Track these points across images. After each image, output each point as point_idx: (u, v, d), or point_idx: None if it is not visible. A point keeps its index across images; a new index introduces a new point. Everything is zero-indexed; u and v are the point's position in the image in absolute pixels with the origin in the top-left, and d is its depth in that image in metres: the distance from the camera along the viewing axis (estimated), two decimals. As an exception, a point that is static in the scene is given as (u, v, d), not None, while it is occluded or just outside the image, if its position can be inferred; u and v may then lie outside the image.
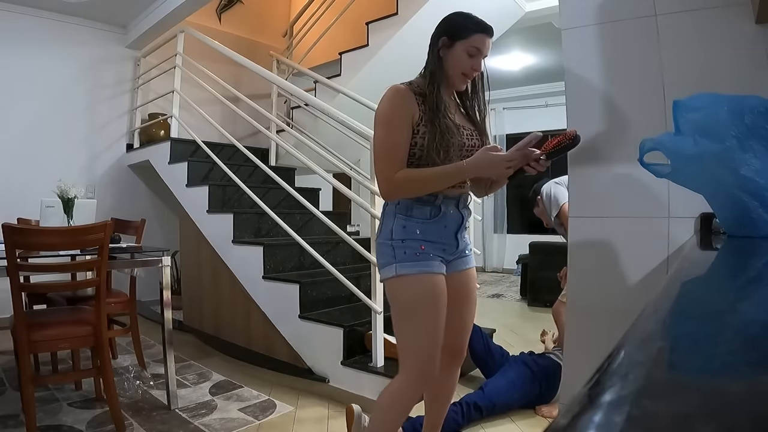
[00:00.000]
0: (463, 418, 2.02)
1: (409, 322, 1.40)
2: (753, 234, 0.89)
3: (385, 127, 1.38)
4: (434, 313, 1.38)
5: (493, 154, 1.31)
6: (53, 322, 1.94)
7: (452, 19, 1.43)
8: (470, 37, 1.38)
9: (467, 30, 1.39)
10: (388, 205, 1.44)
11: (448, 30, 1.41)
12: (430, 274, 1.38)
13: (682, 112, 0.91)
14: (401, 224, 1.39)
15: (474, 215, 3.13)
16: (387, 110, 1.38)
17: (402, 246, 1.38)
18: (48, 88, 4.04)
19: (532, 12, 3.89)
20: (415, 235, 1.39)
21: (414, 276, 1.37)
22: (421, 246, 1.38)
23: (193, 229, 3.37)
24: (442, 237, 1.43)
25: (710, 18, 1.25)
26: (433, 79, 1.40)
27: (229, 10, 5.14)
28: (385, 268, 1.41)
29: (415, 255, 1.37)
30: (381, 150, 1.38)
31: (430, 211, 1.41)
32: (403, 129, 1.37)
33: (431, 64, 1.43)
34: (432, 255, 1.40)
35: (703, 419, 0.21)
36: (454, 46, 1.40)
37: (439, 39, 1.42)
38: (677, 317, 0.45)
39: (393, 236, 1.39)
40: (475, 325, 2.65)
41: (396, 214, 1.41)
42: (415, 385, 1.41)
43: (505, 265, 7.31)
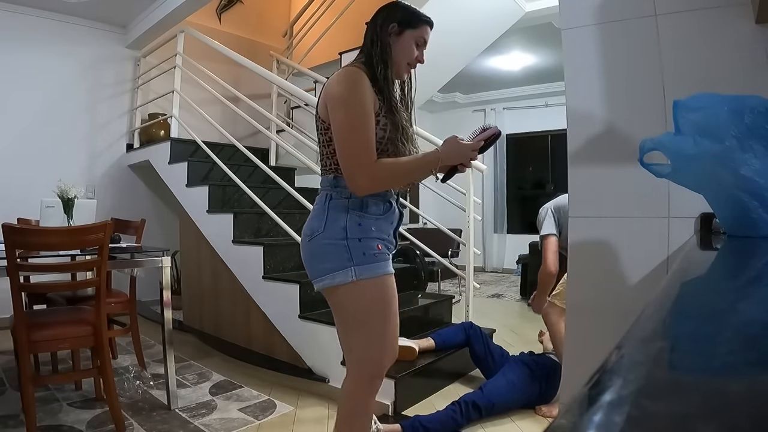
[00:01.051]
0: (462, 417, 2.02)
1: (365, 331, 1.30)
2: (753, 234, 0.89)
3: (355, 109, 1.23)
4: (392, 316, 1.33)
5: (461, 142, 1.32)
6: (53, 322, 1.94)
7: (401, 7, 1.36)
8: (420, 27, 1.36)
9: (418, 20, 1.36)
10: (334, 199, 1.28)
11: (398, 17, 1.34)
12: (388, 275, 1.31)
13: (682, 112, 0.91)
14: (356, 221, 1.26)
15: (474, 215, 3.15)
16: (354, 92, 1.24)
17: (359, 246, 1.25)
18: (48, 87, 4.05)
19: (532, 12, 3.88)
20: (371, 232, 1.27)
21: (374, 279, 1.26)
22: (378, 245, 1.28)
23: (193, 229, 3.37)
24: (389, 234, 1.35)
25: (710, 18, 1.25)
26: (386, 67, 1.32)
27: (229, 10, 5.14)
28: (336, 273, 1.25)
29: (373, 256, 1.27)
30: (354, 136, 1.23)
31: (384, 205, 1.32)
32: (372, 114, 1.26)
33: (382, 52, 1.32)
34: (386, 254, 1.32)
35: (703, 419, 0.21)
36: (403, 34, 1.35)
37: (388, 25, 1.33)
38: (677, 317, 0.45)
39: (348, 235, 1.25)
40: (475, 325, 2.67)
41: (349, 209, 1.27)
42: (369, 386, 1.37)
43: (505, 265, 7.32)
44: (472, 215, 3.13)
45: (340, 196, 1.29)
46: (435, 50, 3.78)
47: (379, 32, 1.34)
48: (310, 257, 1.32)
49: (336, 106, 1.26)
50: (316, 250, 1.29)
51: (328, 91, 1.29)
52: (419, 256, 4.52)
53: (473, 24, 3.73)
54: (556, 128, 6.67)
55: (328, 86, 1.30)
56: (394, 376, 2.24)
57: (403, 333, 2.68)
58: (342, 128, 1.25)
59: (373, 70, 1.32)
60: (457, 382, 2.63)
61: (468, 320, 2.91)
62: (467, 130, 5.38)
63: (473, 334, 2.57)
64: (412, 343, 2.47)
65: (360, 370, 1.35)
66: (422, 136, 3.40)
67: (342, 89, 1.26)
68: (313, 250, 1.30)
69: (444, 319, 3.24)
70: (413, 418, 2.00)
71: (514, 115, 7.36)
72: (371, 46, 1.35)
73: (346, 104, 1.25)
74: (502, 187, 7.43)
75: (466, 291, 3.08)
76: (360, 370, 1.35)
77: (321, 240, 1.27)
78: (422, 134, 3.41)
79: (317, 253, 1.29)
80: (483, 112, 7.58)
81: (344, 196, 1.28)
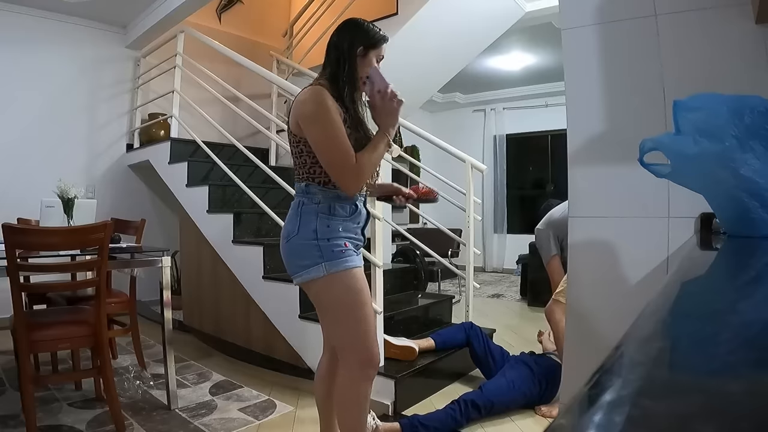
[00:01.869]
0: (462, 417, 2.02)
1: (346, 317, 1.44)
2: (753, 234, 0.89)
3: (327, 123, 1.38)
4: (367, 303, 1.46)
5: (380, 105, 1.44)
6: (53, 322, 1.94)
7: (364, 29, 1.49)
8: (381, 47, 1.49)
9: (379, 40, 1.48)
10: (305, 205, 1.44)
11: (363, 39, 1.46)
12: (357, 268, 1.45)
13: (682, 112, 0.91)
14: (325, 223, 1.42)
15: (474, 215, 3.15)
16: (322, 108, 1.38)
17: (329, 245, 1.41)
18: (48, 88, 4.04)
19: (532, 12, 3.88)
20: (338, 233, 1.43)
21: (344, 272, 1.41)
22: (345, 243, 1.43)
23: (193, 229, 3.37)
24: (356, 233, 1.50)
25: (710, 18, 1.25)
26: (353, 87, 1.46)
27: (229, 10, 5.14)
28: (310, 269, 1.41)
29: (341, 252, 1.42)
30: (332, 147, 1.38)
31: (349, 208, 1.47)
32: (342, 124, 1.40)
33: (350, 73, 1.45)
34: (354, 251, 1.46)
35: (703, 419, 0.21)
36: (368, 55, 1.47)
37: (355, 47, 1.45)
38: (677, 317, 0.45)
39: (318, 236, 1.41)
40: (475, 325, 2.67)
41: (318, 213, 1.42)
42: (364, 373, 1.46)
43: (505, 265, 7.32)
44: (472, 215, 3.13)
45: (311, 202, 1.44)
46: (435, 50, 3.80)
47: (347, 54, 1.46)
48: (287, 257, 1.47)
49: (309, 124, 1.40)
50: (292, 249, 1.45)
51: (299, 110, 1.42)
52: (419, 256, 4.53)
53: (473, 24, 3.73)
54: (556, 128, 6.67)
55: (298, 104, 1.43)
56: (394, 376, 2.25)
57: (403, 333, 2.69)
58: (320, 143, 1.40)
59: (339, 88, 1.44)
60: (457, 382, 2.63)
61: (468, 320, 2.91)
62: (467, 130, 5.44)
63: (473, 334, 2.57)
64: (412, 343, 2.48)
65: (350, 359, 1.45)
66: (422, 136, 3.41)
67: (311, 108, 1.39)
68: (290, 250, 1.46)
69: (444, 319, 3.25)
70: (412, 417, 2.00)
71: (514, 115, 7.35)
72: (337, 66, 1.46)
73: (317, 121, 1.39)
74: (502, 187, 7.43)
75: (466, 291, 3.08)
76: (350, 359, 1.45)
77: (296, 241, 1.43)
78: (422, 134, 3.42)
79: (293, 252, 1.45)
80: (483, 112, 7.58)
81: (314, 202, 1.44)
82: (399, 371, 2.29)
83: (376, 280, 2.32)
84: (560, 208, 2.68)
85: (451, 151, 3.25)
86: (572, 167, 1.47)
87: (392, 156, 2.45)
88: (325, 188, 1.44)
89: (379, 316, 2.32)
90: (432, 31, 3.55)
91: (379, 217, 2.33)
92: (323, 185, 1.44)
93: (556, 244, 2.63)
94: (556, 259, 2.62)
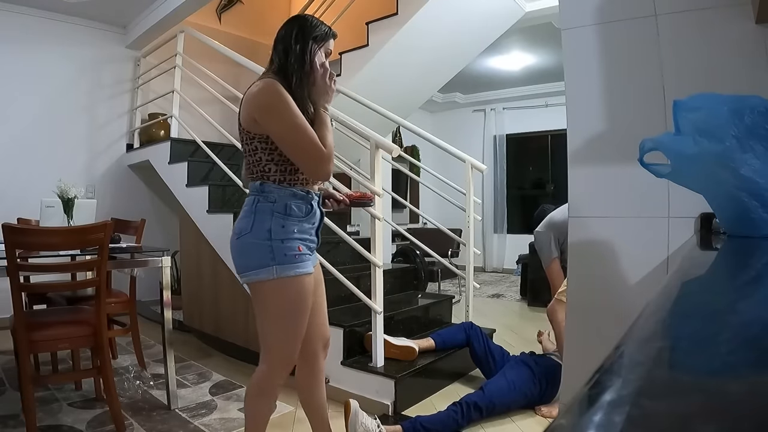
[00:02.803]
0: (463, 418, 2.02)
1: (283, 323, 1.43)
2: (753, 234, 0.89)
3: (287, 112, 1.36)
4: (306, 312, 1.46)
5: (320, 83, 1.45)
6: (53, 322, 1.94)
7: (313, 24, 1.48)
8: (329, 42, 1.50)
9: (328, 35, 1.49)
10: (260, 203, 1.41)
11: (313, 34, 1.46)
12: (308, 275, 1.43)
13: (682, 112, 0.91)
14: (280, 223, 1.39)
15: (474, 215, 3.15)
16: (280, 99, 1.36)
17: (282, 247, 1.38)
18: (48, 88, 4.05)
19: (532, 12, 3.88)
20: (293, 234, 1.40)
21: (294, 278, 1.39)
22: (299, 247, 1.41)
23: (193, 229, 3.37)
24: (311, 234, 1.48)
25: (710, 18, 1.25)
26: (301, 81, 1.44)
27: (229, 10, 5.14)
28: (260, 270, 1.38)
29: (294, 256, 1.39)
30: (298, 137, 1.36)
31: (305, 208, 1.45)
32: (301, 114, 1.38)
33: (299, 67, 1.44)
34: (307, 254, 1.44)
35: (703, 419, 0.21)
36: (319, 51, 1.47)
37: (304, 43, 1.45)
38: (677, 317, 0.45)
39: (272, 236, 1.37)
40: (475, 325, 2.67)
41: (273, 212, 1.39)
42: (280, 372, 1.48)
43: (505, 265, 7.32)
44: (472, 215, 3.13)
45: (266, 201, 1.41)
46: (435, 50, 3.80)
47: (295, 48, 1.44)
48: (237, 254, 1.43)
49: (267, 115, 1.37)
50: (242, 248, 1.41)
51: (252, 104, 1.39)
52: (419, 256, 4.53)
53: (473, 24, 3.73)
54: (556, 128, 6.68)
55: (250, 98, 1.40)
56: (395, 376, 2.25)
57: (403, 333, 2.69)
58: (284, 134, 1.37)
59: (288, 81, 1.42)
60: (457, 382, 2.63)
61: (468, 320, 2.91)
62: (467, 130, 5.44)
63: (473, 334, 2.57)
64: (412, 343, 2.48)
65: (274, 357, 1.46)
66: (422, 136, 3.41)
67: (268, 99, 1.37)
68: (240, 247, 1.42)
69: (444, 319, 3.25)
70: (414, 419, 2.00)
71: (514, 115, 7.36)
72: (286, 59, 1.45)
73: (277, 112, 1.36)
74: (502, 187, 7.43)
75: (466, 291, 3.08)
76: (274, 358, 1.46)
77: (248, 239, 1.40)
78: (422, 134, 3.42)
79: (243, 250, 1.41)
80: (483, 112, 7.58)
81: (269, 201, 1.41)
82: (399, 371, 2.29)
83: (376, 280, 2.33)
84: (561, 211, 2.69)
85: (451, 151, 3.25)
86: (572, 167, 1.47)
87: (392, 156, 2.46)
88: (280, 186, 1.41)
89: (379, 316, 2.32)
90: (432, 31, 3.55)
91: (379, 217, 2.33)
92: (278, 183, 1.42)
93: (556, 247, 2.64)
94: (556, 263, 2.62)
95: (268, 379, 1.48)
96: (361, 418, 1.89)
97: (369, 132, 2.41)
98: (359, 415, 1.89)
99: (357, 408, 1.91)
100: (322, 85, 1.46)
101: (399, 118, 3.47)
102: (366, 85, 3.63)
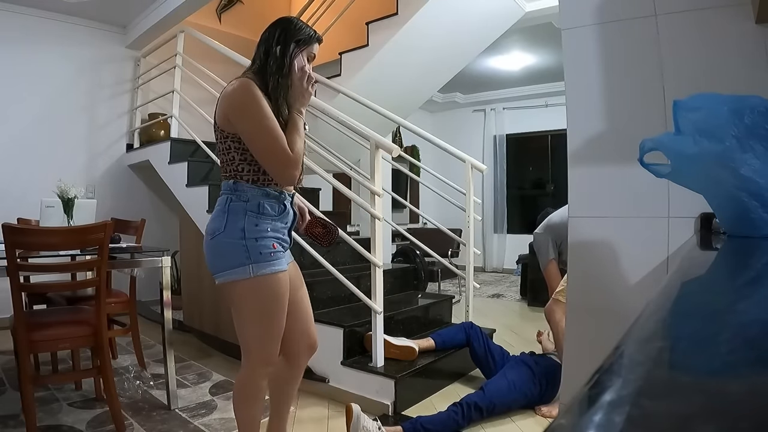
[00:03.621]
0: (464, 419, 2.02)
1: (260, 321, 1.43)
2: (753, 234, 0.89)
3: (258, 113, 1.36)
4: (283, 310, 1.46)
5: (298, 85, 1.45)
6: (53, 322, 1.94)
7: (297, 27, 1.48)
8: (313, 45, 1.49)
9: (311, 38, 1.49)
10: (233, 202, 1.40)
11: (295, 37, 1.46)
12: (283, 272, 1.43)
13: (682, 112, 0.91)
14: (253, 222, 1.39)
15: (474, 215, 3.15)
16: (252, 99, 1.36)
17: (257, 246, 1.38)
18: (48, 88, 4.04)
19: (532, 12, 3.88)
20: (267, 233, 1.40)
21: (270, 276, 1.39)
22: (273, 245, 1.41)
23: (193, 229, 3.37)
24: (284, 233, 1.48)
25: (710, 18, 1.25)
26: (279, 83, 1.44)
27: (229, 10, 5.14)
28: (235, 270, 1.37)
29: (269, 254, 1.39)
30: (267, 140, 1.36)
31: (278, 207, 1.45)
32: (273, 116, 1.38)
33: (278, 69, 1.44)
34: (281, 252, 1.45)
35: (703, 419, 0.21)
36: (301, 54, 1.47)
37: (286, 45, 1.45)
38: (677, 317, 0.45)
39: (246, 235, 1.37)
40: (475, 325, 2.67)
41: (246, 211, 1.39)
42: (262, 371, 1.48)
43: (505, 265, 7.32)
44: (472, 215, 3.13)
45: (239, 200, 1.41)
46: (435, 50, 3.80)
47: (275, 50, 1.45)
48: (211, 254, 1.43)
49: (239, 115, 1.37)
50: (217, 248, 1.41)
51: (226, 103, 1.39)
52: (419, 256, 4.53)
53: (473, 24, 3.73)
54: (556, 128, 6.67)
55: (224, 97, 1.41)
56: (395, 376, 2.25)
57: (403, 333, 2.69)
58: (253, 133, 1.37)
59: (266, 81, 1.43)
60: (457, 382, 2.63)
61: (468, 320, 2.91)
62: (467, 130, 5.44)
63: (473, 334, 2.57)
64: (411, 343, 2.48)
65: (254, 357, 1.47)
66: (422, 136, 3.41)
67: (240, 99, 1.37)
68: (214, 248, 1.41)
69: (444, 319, 3.25)
70: (414, 420, 2.00)
71: (514, 115, 7.35)
72: (266, 60, 1.45)
73: (248, 112, 1.36)
74: (502, 187, 7.43)
75: (466, 291, 3.08)
76: (254, 358, 1.47)
77: (222, 239, 1.39)
78: (422, 134, 3.41)
79: (218, 251, 1.41)
80: (483, 112, 7.58)
81: (242, 200, 1.40)
82: (399, 371, 2.29)
83: (376, 280, 2.33)
84: (559, 213, 2.69)
85: (451, 151, 3.25)
86: (572, 167, 1.47)
87: (392, 156, 2.46)
88: (253, 186, 1.41)
89: (379, 316, 2.32)
90: (432, 31, 3.55)
91: (379, 217, 2.33)
92: (252, 183, 1.42)
93: (554, 249, 2.65)
94: (553, 264, 2.64)
95: (252, 381, 1.48)
96: (363, 422, 1.89)
97: (369, 132, 2.41)
98: (361, 419, 1.89)
99: (359, 412, 1.91)
100: (299, 88, 1.46)
101: (399, 118, 3.46)
102: (366, 85, 3.63)
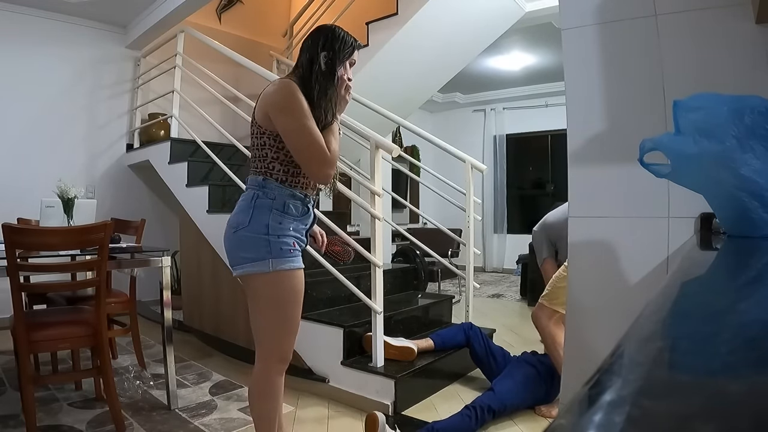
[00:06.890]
0: (477, 422, 2.00)
1: (278, 315, 1.47)
2: (753, 234, 0.89)
3: (298, 112, 1.39)
4: (299, 306, 1.51)
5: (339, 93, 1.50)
6: (53, 322, 1.94)
7: (341, 37, 1.50)
8: (354, 54, 1.52)
9: (353, 48, 1.52)
10: (260, 198, 1.45)
11: (340, 48, 1.48)
12: (300, 269, 1.49)
13: (682, 112, 0.91)
14: (278, 220, 1.43)
15: (474, 215, 3.15)
16: (294, 100, 1.40)
17: (278, 242, 1.42)
18: (48, 88, 4.04)
19: (532, 12, 3.88)
20: (288, 231, 1.45)
21: (289, 271, 1.44)
22: (294, 243, 1.46)
23: (193, 229, 3.37)
24: (302, 234, 1.53)
25: (710, 18, 1.25)
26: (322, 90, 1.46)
27: (229, 10, 5.14)
28: (256, 263, 1.42)
29: (289, 251, 1.44)
30: (305, 138, 1.39)
31: (302, 208, 1.50)
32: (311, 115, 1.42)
33: (323, 78, 1.46)
34: (299, 251, 1.50)
35: (704, 419, 0.21)
36: (344, 63, 1.50)
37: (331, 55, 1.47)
38: (677, 317, 0.45)
39: (270, 231, 1.42)
40: (474, 325, 2.67)
41: (272, 209, 1.44)
42: (277, 367, 1.51)
43: (505, 265, 7.32)
44: (472, 215, 3.13)
45: (266, 197, 1.45)
46: (435, 50, 3.80)
47: (320, 59, 1.47)
48: (233, 247, 1.47)
49: (279, 112, 1.41)
50: (239, 241, 1.45)
51: (267, 101, 1.43)
52: (419, 256, 4.53)
53: (473, 24, 3.73)
54: (556, 128, 6.67)
55: (266, 95, 1.44)
56: (394, 376, 2.25)
57: (403, 333, 2.69)
58: (292, 133, 1.40)
59: (309, 88, 1.45)
60: (456, 383, 2.63)
61: (468, 320, 2.91)
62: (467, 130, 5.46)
63: (473, 335, 2.56)
64: (410, 343, 2.47)
65: (269, 352, 1.50)
66: (422, 136, 3.41)
67: (281, 98, 1.41)
68: (237, 241, 1.45)
69: (444, 319, 3.24)
70: (430, 426, 1.99)
71: (514, 115, 7.35)
72: (310, 66, 1.48)
73: (289, 110, 1.40)
74: (502, 187, 7.43)
75: (466, 291, 3.08)
76: (269, 353, 1.50)
77: (245, 233, 1.43)
78: (422, 134, 3.42)
79: (240, 244, 1.44)
80: (483, 112, 7.58)
81: (270, 197, 1.45)
82: (399, 371, 2.29)
83: (376, 280, 2.33)
84: (554, 213, 2.69)
85: (451, 151, 3.25)
86: (572, 167, 1.47)
87: (392, 156, 2.46)
88: (281, 185, 1.45)
89: (379, 316, 2.32)
90: (432, 31, 3.55)
91: (379, 217, 2.33)
92: (280, 182, 1.46)
93: (549, 247, 2.65)
94: (548, 262, 2.63)
95: (267, 376, 1.50)
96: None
97: (369, 132, 2.41)
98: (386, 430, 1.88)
99: (384, 422, 1.89)
100: (338, 95, 1.50)
101: (399, 118, 3.46)
102: (366, 85, 3.63)
